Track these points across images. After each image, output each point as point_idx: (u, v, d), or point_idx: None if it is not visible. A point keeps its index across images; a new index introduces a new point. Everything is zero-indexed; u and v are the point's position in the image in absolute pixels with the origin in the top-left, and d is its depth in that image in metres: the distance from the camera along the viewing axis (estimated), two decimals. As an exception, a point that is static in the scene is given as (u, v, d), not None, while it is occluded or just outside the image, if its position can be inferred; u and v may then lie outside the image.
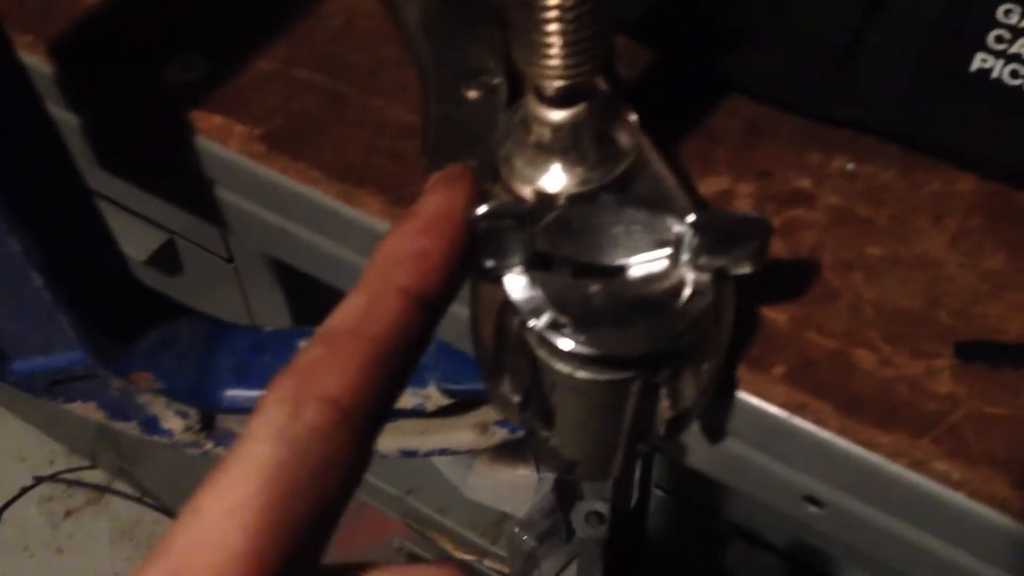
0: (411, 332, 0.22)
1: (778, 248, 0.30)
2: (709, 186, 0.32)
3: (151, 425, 0.42)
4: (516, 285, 0.25)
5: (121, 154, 0.38)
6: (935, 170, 0.32)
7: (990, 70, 0.32)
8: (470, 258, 0.25)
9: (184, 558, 0.18)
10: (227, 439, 0.43)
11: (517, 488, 0.75)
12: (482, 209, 0.25)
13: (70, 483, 1.43)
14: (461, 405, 0.39)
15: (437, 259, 0.23)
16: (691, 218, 0.24)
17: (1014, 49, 0.32)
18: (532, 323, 0.25)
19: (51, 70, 0.36)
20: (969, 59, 0.32)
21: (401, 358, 0.22)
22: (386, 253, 0.23)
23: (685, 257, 0.24)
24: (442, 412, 0.39)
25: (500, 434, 0.41)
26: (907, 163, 0.32)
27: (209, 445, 0.43)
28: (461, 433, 0.41)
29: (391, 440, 0.42)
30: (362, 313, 0.22)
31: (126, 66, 0.36)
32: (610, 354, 0.24)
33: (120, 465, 1.38)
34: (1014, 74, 0.32)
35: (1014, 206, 0.31)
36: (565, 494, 0.63)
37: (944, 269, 0.30)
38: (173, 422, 0.41)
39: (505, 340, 0.27)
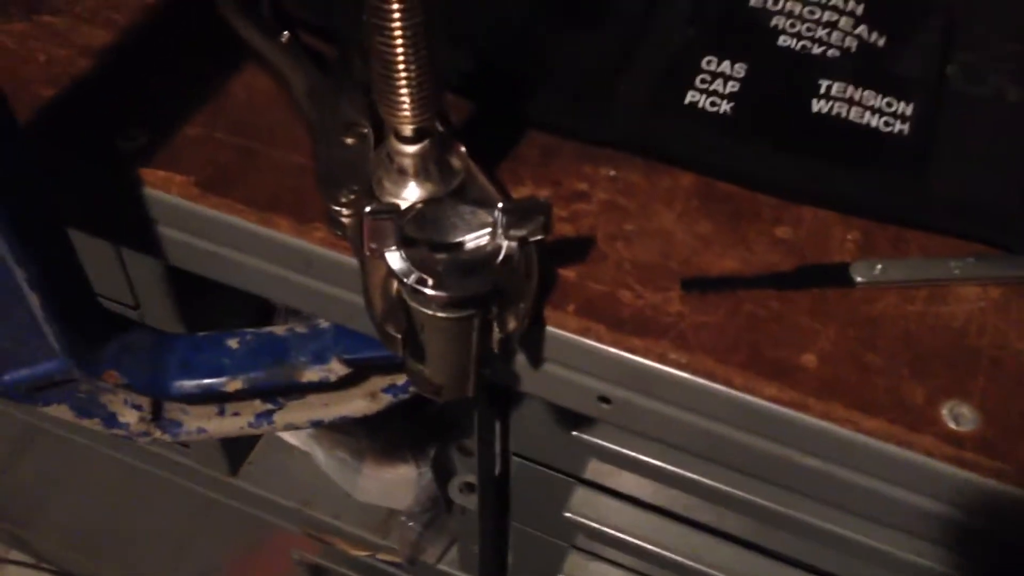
0: None
1: (567, 230, 0.45)
2: (518, 193, 0.46)
3: (111, 421, 0.53)
4: (394, 259, 0.38)
5: (79, 209, 0.50)
6: (666, 172, 0.47)
7: (697, 102, 0.48)
8: (362, 244, 0.38)
9: None
10: (173, 428, 0.54)
11: (400, 485, 0.88)
12: (368, 209, 0.38)
13: (-36, 557, 1.47)
14: (355, 374, 0.52)
15: None
16: (500, 204, 0.38)
17: (713, 87, 0.48)
18: (406, 281, 0.38)
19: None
20: (684, 95, 0.48)
21: None
22: None
23: (499, 231, 0.38)
24: (341, 384, 0.52)
25: (386, 399, 0.54)
26: (648, 168, 0.47)
27: (158, 433, 0.54)
28: (356, 401, 0.54)
29: (301, 414, 0.54)
30: None
31: (86, 141, 0.48)
32: (457, 297, 0.38)
33: (14, 534, 1.43)
34: (713, 104, 0.48)
35: (717, 192, 0.46)
36: (441, 471, 0.76)
37: (673, 235, 0.45)
38: (129, 416, 0.53)
39: (388, 299, 0.41)
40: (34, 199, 0.43)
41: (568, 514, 0.69)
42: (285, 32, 0.50)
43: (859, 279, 0.42)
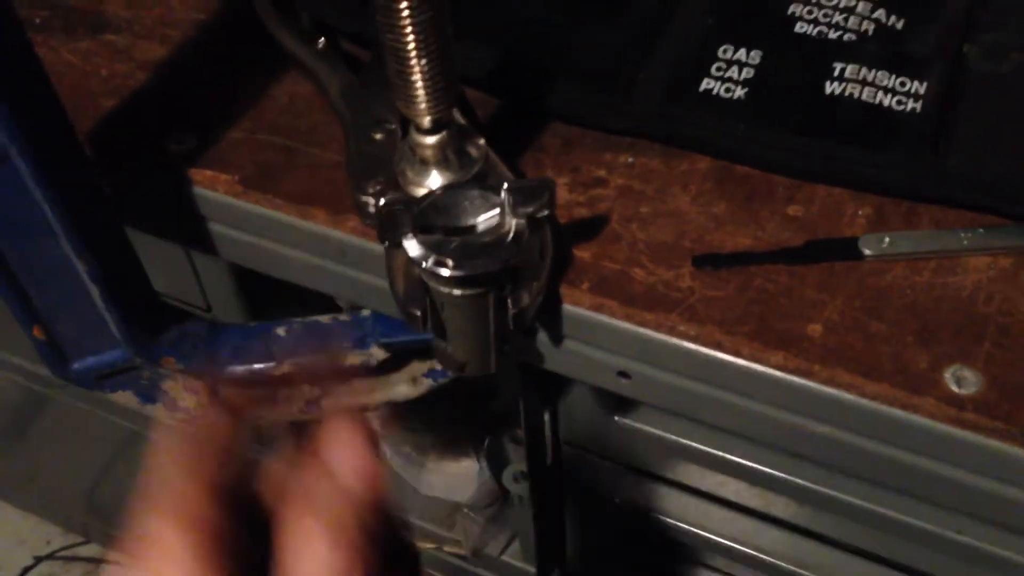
0: None
1: (584, 213, 0.47)
2: (540, 181, 0.48)
3: (172, 405, 0.56)
4: (411, 245, 0.41)
5: (138, 209, 0.54)
6: (683, 157, 0.49)
7: (711, 89, 0.49)
8: (380, 233, 0.41)
9: None
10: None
11: (463, 478, 0.90)
12: (383, 201, 0.41)
13: (68, 559, 1.54)
14: (396, 361, 0.54)
15: None
16: (506, 185, 0.40)
17: (728, 74, 0.50)
18: (424, 265, 0.40)
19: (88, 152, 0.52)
20: (699, 83, 0.49)
21: None
22: None
23: (507, 211, 0.41)
24: (383, 369, 0.55)
25: (426, 383, 0.56)
26: (666, 154, 0.49)
27: (215, 418, 0.57)
28: (399, 387, 0.56)
29: (347, 399, 0.57)
30: None
31: (140, 145, 0.52)
32: (471, 275, 0.40)
33: (113, 535, 1.50)
34: (727, 90, 0.49)
35: (732, 175, 0.48)
36: (495, 460, 0.79)
37: (688, 216, 0.46)
38: (188, 401, 0.56)
39: (410, 281, 0.43)
40: (93, 199, 0.47)
41: (619, 501, 0.71)
42: (322, 39, 0.53)
43: (868, 252, 0.43)
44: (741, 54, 0.50)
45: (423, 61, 0.40)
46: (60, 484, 1.44)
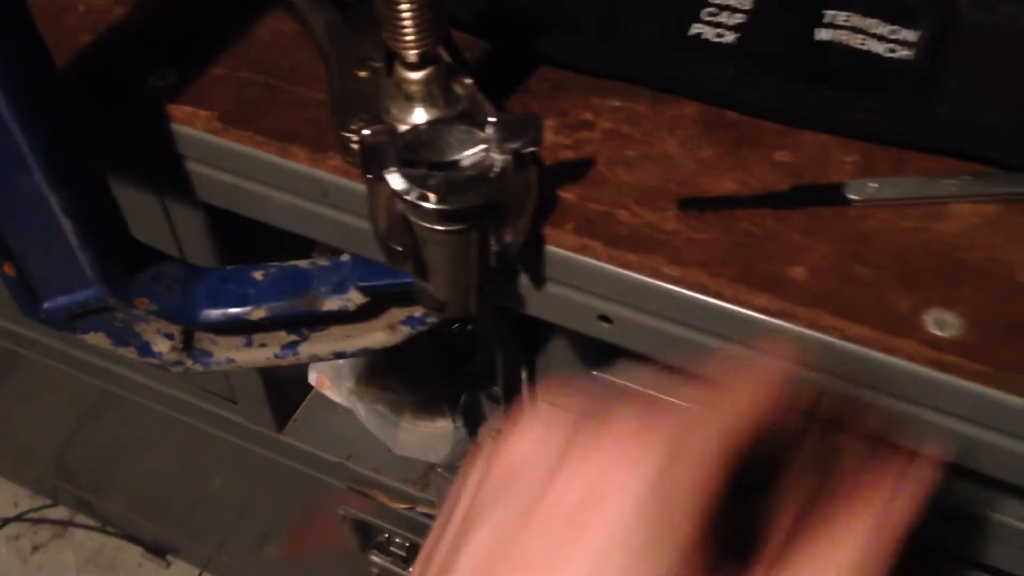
0: None
1: (570, 155, 0.46)
2: (525, 124, 0.48)
3: (145, 349, 0.56)
4: (394, 178, 0.40)
5: (116, 146, 0.53)
6: (672, 102, 0.48)
7: (701, 33, 0.49)
8: (362, 165, 0.40)
9: None
10: (204, 357, 0.57)
11: (438, 438, 0.90)
12: (366, 132, 0.40)
13: (35, 521, 1.53)
14: (374, 307, 0.54)
15: None
16: (492, 119, 0.40)
17: (719, 19, 0.49)
18: (407, 198, 0.40)
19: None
20: (688, 27, 0.49)
21: None
22: None
23: (493, 146, 0.40)
24: (361, 315, 0.54)
25: (404, 331, 0.55)
26: (654, 99, 0.48)
27: (190, 363, 0.57)
28: (376, 334, 0.56)
29: (324, 345, 0.56)
30: None
31: (118, 80, 0.51)
32: (454, 209, 0.40)
33: (81, 499, 1.49)
34: (718, 35, 0.49)
35: (721, 120, 0.47)
36: (471, 418, 0.78)
37: (675, 160, 0.46)
38: (162, 345, 0.55)
39: (391, 217, 0.42)
40: (69, 132, 0.46)
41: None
42: (306, -25, 0.52)
43: (854, 197, 0.43)
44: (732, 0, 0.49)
45: (411, -9, 0.40)
46: (29, 445, 1.43)
